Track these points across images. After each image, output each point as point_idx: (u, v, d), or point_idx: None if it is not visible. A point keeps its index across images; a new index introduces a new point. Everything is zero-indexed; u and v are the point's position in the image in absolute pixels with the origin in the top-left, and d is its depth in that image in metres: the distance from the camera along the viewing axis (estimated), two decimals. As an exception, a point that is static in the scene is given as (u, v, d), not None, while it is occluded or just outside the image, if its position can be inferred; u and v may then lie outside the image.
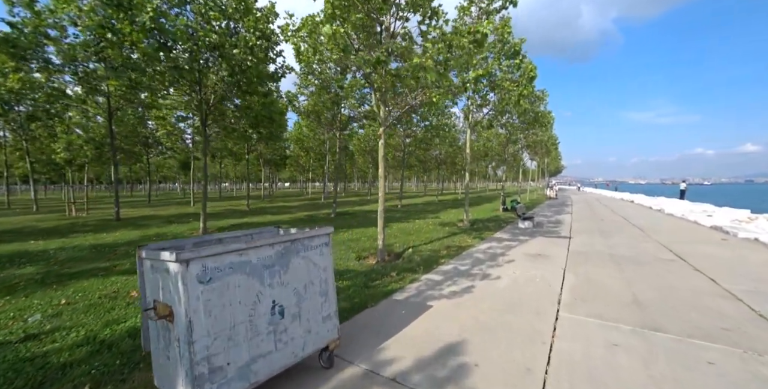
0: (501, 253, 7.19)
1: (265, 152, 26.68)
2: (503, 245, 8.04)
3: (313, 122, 20.55)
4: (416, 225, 11.67)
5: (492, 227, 11.46)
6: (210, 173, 49.69)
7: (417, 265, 6.15)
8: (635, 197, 26.92)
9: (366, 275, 5.44)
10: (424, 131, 19.85)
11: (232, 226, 11.41)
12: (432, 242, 8.47)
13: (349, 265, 6.18)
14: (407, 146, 20.69)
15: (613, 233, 9.69)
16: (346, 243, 8.21)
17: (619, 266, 5.93)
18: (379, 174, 6.75)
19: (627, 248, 7.55)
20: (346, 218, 13.76)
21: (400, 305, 4.17)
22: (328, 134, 22.85)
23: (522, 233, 9.98)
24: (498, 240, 8.80)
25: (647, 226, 11.24)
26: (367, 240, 8.63)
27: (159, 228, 10.90)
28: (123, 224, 11.83)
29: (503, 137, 18.08)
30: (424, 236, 9.45)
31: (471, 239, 9.00)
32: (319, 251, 2.82)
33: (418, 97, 6.44)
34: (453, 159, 31.03)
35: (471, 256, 6.92)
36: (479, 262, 6.35)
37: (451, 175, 47.92)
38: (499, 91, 10.42)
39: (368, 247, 7.82)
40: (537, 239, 8.85)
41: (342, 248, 7.59)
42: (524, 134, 17.16)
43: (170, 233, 9.79)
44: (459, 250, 7.55)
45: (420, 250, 7.59)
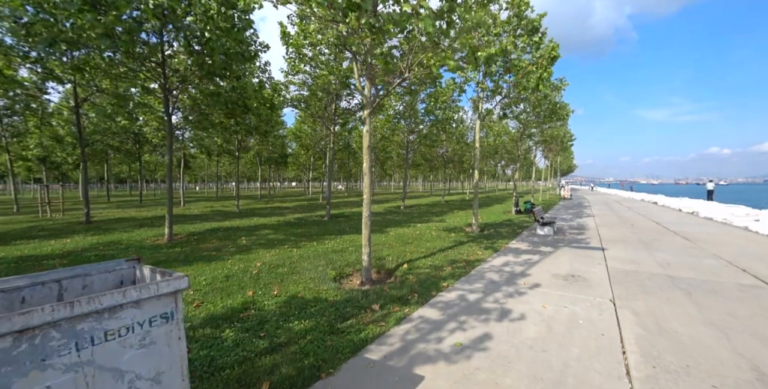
0: (521, 272, 5.58)
1: (261, 148, 25.34)
2: (522, 261, 6.42)
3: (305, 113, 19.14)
4: (418, 231, 10.10)
5: (505, 233, 9.82)
6: (209, 173, 48.76)
7: (410, 291, 4.60)
8: (657, 198, 24.89)
9: (338, 309, 3.91)
10: (430, 126, 18.28)
11: (206, 230, 10.01)
12: (434, 255, 6.90)
13: (321, 290, 4.65)
14: (411, 144, 19.13)
15: (655, 244, 7.99)
16: (329, 256, 6.70)
17: (692, 297, 4.29)
18: (363, 169, 5.21)
19: (686, 267, 5.88)
20: (339, 222, 12.26)
21: (371, 374, 2.63)
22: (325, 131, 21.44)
23: (542, 242, 8.35)
24: (515, 253, 7.18)
25: (691, 234, 9.48)
26: (354, 251, 7.11)
27: (123, 233, 9.54)
28: (88, 229, 10.52)
29: (516, 131, 16.37)
30: (426, 245, 7.89)
31: (482, 250, 7.40)
32: (138, 341, 1.31)
33: (412, 64, 4.86)
34: (461, 157, 29.34)
35: (482, 277, 5.33)
36: (494, 287, 4.77)
37: (459, 174, 46.19)
38: (516, 73, 8.78)
39: (353, 261, 6.29)
40: (563, 251, 7.21)
41: (320, 264, 6.08)
42: (540, 128, 15.42)
43: (129, 241, 8.41)
44: (467, 267, 5.97)
45: (418, 266, 6.03)
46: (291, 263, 6.07)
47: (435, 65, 4.41)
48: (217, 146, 20.18)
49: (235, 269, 5.65)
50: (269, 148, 28.31)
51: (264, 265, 5.90)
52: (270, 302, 4.15)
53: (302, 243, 8.00)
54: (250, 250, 7.23)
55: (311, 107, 12.73)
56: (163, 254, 6.84)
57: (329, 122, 13.40)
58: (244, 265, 5.90)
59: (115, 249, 7.24)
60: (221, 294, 4.41)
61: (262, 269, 5.61)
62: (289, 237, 8.86)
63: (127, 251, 7.08)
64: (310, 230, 10.21)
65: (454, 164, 30.76)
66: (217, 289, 4.60)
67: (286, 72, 11.96)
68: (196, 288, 4.61)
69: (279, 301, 4.18)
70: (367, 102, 5.13)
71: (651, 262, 6.20)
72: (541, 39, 9.21)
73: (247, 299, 4.24)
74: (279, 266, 5.89)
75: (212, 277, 5.13)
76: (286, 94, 12.72)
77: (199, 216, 14.22)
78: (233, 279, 5.05)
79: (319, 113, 13.83)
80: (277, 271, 5.55)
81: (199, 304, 4.06)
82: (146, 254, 6.73)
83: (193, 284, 4.81)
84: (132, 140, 22.80)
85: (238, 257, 6.49)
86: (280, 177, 66.14)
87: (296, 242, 8.20)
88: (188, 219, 13.06)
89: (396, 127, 18.83)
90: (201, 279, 5.01)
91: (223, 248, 7.39)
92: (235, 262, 6.13)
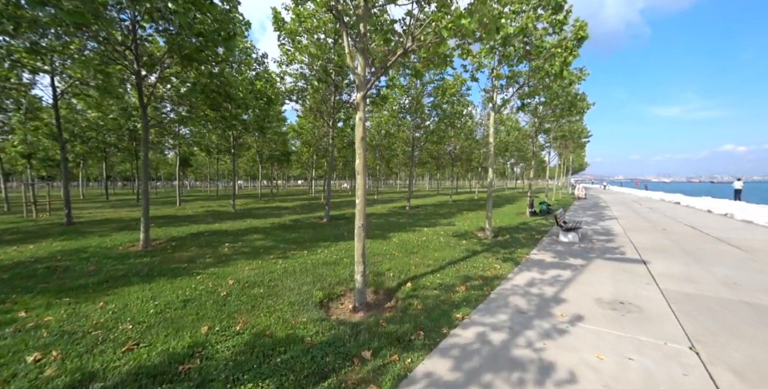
0: (554, 296, 4.47)
1: (261, 146, 24.43)
2: (551, 278, 5.30)
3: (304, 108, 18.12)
4: (424, 236, 9.01)
5: (524, 240, 8.68)
6: (211, 171, 48.12)
7: (415, 326, 3.53)
8: (679, 198, 23.40)
9: (314, 359, 2.86)
10: (437, 122, 17.12)
11: (190, 234, 9.04)
12: (443, 269, 5.81)
13: (299, 323, 3.61)
14: (417, 140, 18.00)
15: (703, 255, 6.79)
16: (318, 270, 5.65)
17: (801, 343, 3.15)
18: (357, 167, 4.14)
19: (762, 288, 4.70)
20: (338, 225, 11.22)
21: None
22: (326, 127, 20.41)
23: (569, 252, 7.20)
24: (539, 266, 6.06)
25: (741, 242, 8.24)
26: (350, 263, 6.05)
27: (98, 238, 8.61)
28: (65, 231, 9.64)
29: (531, 126, 15.12)
30: (433, 256, 6.80)
31: (499, 262, 6.29)
32: None
33: (416, 33, 3.76)
34: (469, 155, 28.11)
35: (506, 302, 4.24)
36: (524, 321, 3.67)
37: (466, 172, 44.84)
38: (537, 56, 7.61)
39: (347, 277, 5.24)
40: (597, 265, 6.07)
41: (307, 281, 5.03)
42: (558, 122, 14.16)
43: (99, 247, 7.46)
44: (484, 286, 4.88)
45: (424, 285, 4.96)
46: (271, 281, 5.03)
47: (447, 28, 3.31)
48: (213, 143, 19.31)
49: (200, 289, 4.63)
50: (271, 145, 27.44)
51: (237, 284, 4.87)
52: (226, 345, 3.11)
53: (291, 252, 6.97)
54: (229, 261, 6.22)
55: (309, 97, 11.68)
56: (127, 265, 5.87)
57: (328, 116, 12.35)
58: (213, 283, 4.89)
59: (75, 259, 6.28)
60: (168, 329, 3.39)
61: (233, 290, 4.59)
62: (279, 244, 7.84)
63: (87, 261, 6.12)
64: (304, 235, 9.19)
65: (461, 162, 29.56)
66: (165, 321, 3.58)
67: (279, 62, 10.93)
68: (139, 320, 3.60)
69: (239, 343, 3.14)
70: (360, 82, 4.06)
71: (712, 281, 5.04)
72: (566, 17, 8.01)
73: (197, 339, 3.21)
74: (255, 285, 4.85)
75: (167, 302, 4.12)
76: (282, 86, 11.71)
77: (191, 217, 13.31)
78: (192, 305, 4.03)
79: (319, 107, 12.80)
80: (251, 292, 4.52)
81: (131, 347, 3.05)
82: (107, 266, 5.76)
83: (138, 312, 3.80)
84: (128, 136, 22.04)
85: (211, 272, 5.47)
86: (285, 175, 65.42)
87: (285, 250, 7.18)
88: (178, 221, 12.14)
89: (401, 123, 17.71)
90: (151, 305, 3.99)
91: (198, 259, 6.40)
92: (204, 278, 5.12)
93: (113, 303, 4.08)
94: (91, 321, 3.56)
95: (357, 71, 4.05)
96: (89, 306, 4.00)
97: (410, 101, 16.18)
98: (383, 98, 12.13)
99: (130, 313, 3.78)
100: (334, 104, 12.06)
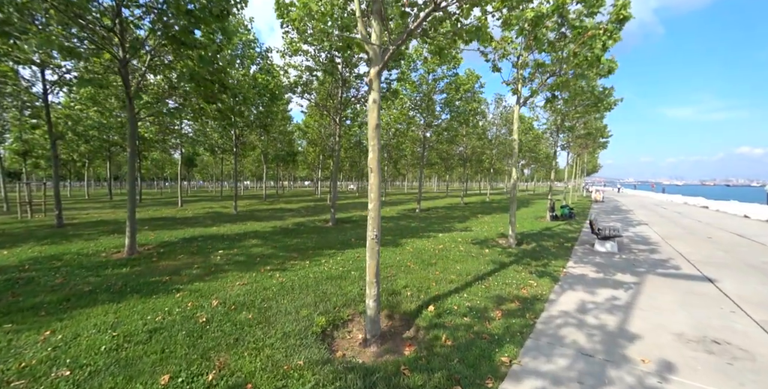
0: (619, 329, 3.51)
1: (266, 145, 23.73)
2: (605, 302, 4.33)
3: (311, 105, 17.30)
4: (440, 244, 8.07)
5: (553, 249, 7.69)
6: (217, 171, 47.70)
7: (448, 376, 2.61)
8: (705, 202, 22.05)
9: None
10: (449, 120, 16.19)
11: (182, 239, 8.23)
12: (469, 287, 4.88)
13: (292, 366, 2.71)
14: (428, 140, 17.08)
15: (776, 271, 5.74)
16: (322, 286, 4.76)
17: None
18: (369, 163, 3.25)
19: None
20: (344, 229, 10.34)
21: None
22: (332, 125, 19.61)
23: (611, 265, 6.21)
24: (584, 283, 5.09)
25: (807, 253, 7.14)
26: (359, 278, 5.16)
27: (83, 242, 7.86)
28: (52, 234, 8.93)
29: (551, 124, 14.09)
30: (455, 268, 5.86)
31: (534, 278, 5.33)
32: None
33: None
34: (479, 156, 27.07)
35: (560, 339, 3.29)
36: (594, 369, 2.72)
37: (476, 174, 43.70)
38: (574, 39, 6.65)
39: (356, 296, 4.34)
40: (653, 284, 5.08)
41: (307, 302, 4.14)
42: (584, 118, 13.11)
43: (79, 253, 6.67)
44: (525, 312, 3.94)
45: (450, 309, 4.03)
46: (264, 302, 4.15)
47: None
48: (217, 143, 18.64)
49: (176, 312, 3.77)
50: (276, 145, 26.75)
51: (222, 305, 4.00)
52: (189, 408, 2.23)
53: (291, 262, 6.10)
54: (219, 273, 5.36)
55: (313, 90, 10.85)
56: (100, 278, 5.04)
57: (335, 113, 11.50)
58: (193, 304, 4.02)
59: (45, 268, 5.49)
60: (115, 379, 2.52)
61: (215, 315, 3.71)
62: (278, 252, 6.98)
63: (56, 271, 5.32)
64: (308, 241, 8.32)
65: (471, 163, 28.53)
66: (117, 364, 2.71)
67: (282, 53, 10.11)
68: (83, 362, 2.74)
69: (207, 405, 2.26)
70: (375, 54, 3.17)
71: (812, 309, 4.02)
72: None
73: (151, 396, 2.33)
74: (244, 307, 3.98)
75: (129, 332, 3.26)
76: (285, 79, 10.90)
77: (189, 219, 12.56)
78: (159, 338, 3.16)
79: (325, 103, 11.98)
80: (237, 318, 3.65)
81: (57, 410, 2.18)
82: (76, 279, 4.94)
83: (88, 348, 2.94)
84: (131, 135, 21.49)
85: (195, 288, 4.62)
86: (291, 176, 64.91)
87: (284, 260, 6.30)
88: (174, 223, 11.39)
89: (411, 121, 16.80)
90: (107, 338, 3.13)
91: (184, 270, 5.56)
92: (184, 297, 4.26)
93: (62, 333, 3.23)
94: (20, 362, 2.71)
95: (371, 40, 3.16)
96: (31, 336, 3.16)
97: (421, 97, 15.29)
98: (394, 92, 11.24)
99: (77, 349, 2.92)
100: (341, 100, 11.22)
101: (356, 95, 11.59)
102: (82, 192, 36.56)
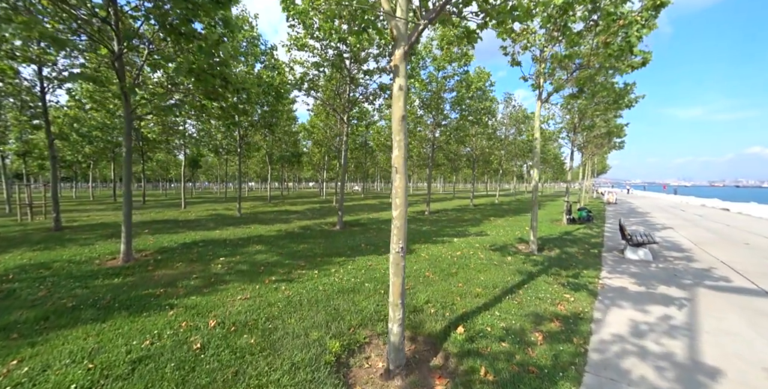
0: (691, 360, 2.94)
1: (270, 145, 23.32)
2: (660, 321, 3.75)
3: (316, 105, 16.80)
4: (458, 250, 7.51)
5: (579, 256, 7.10)
6: (222, 173, 47.48)
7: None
8: (725, 204, 21.24)
9: None
10: (459, 119, 15.63)
11: (182, 244, 7.75)
12: (499, 303, 4.31)
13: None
14: (437, 140, 16.52)
15: (841, 284, 5.11)
16: (333, 301, 4.23)
17: None
18: (394, 161, 2.72)
19: None
20: (353, 233, 9.81)
21: None
22: (339, 125, 19.17)
23: (650, 276, 5.61)
24: (627, 298, 4.50)
25: None
26: (374, 291, 4.62)
27: (78, 247, 7.41)
28: (46, 238, 8.52)
29: (568, 123, 13.48)
30: (478, 279, 5.30)
31: (569, 291, 4.76)
32: None
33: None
34: (488, 157, 26.45)
35: (625, 374, 2.72)
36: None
37: (482, 175, 43.03)
38: (606, 28, 6.08)
39: (372, 314, 3.80)
40: (708, 300, 4.48)
41: (317, 321, 3.62)
42: (604, 115, 12.48)
43: (71, 260, 6.21)
44: (571, 335, 3.38)
45: (482, 331, 3.48)
46: (268, 321, 3.63)
47: None
48: (221, 143, 18.25)
49: (166, 335, 3.26)
50: (281, 146, 26.36)
51: (221, 327, 3.48)
52: None
53: (298, 272, 5.58)
54: (219, 285, 4.86)
55: (320, 88, 10.37)
56: (88, 290, 4.56)
57: (342, 112, 11.01)
58: (187, 325, 3.51)
59: (31, 278, 5.02)
60: (83, 432, 2.01)
61: (211, 339, 3.20)
62: (284, 259, 6.46)
63: (42, 282, 4.85)
64: (315, 246, 7.80)
65: (479, 164, 27.91)
66: (89, 409, 2.20)
67: (288, 47, 9.65)
68: (48, 405, 2.23)
69: None
70: (400, 33, 2.63)
71: None
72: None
73: (124, 462, 1.81)
74: (246, 328, 3.46)
75: (109, 363, 2.75)
76: (291, 76, 10.43)
77: (191, 222, 12.11)
78: (144, 371, 2.64)
79: (332, 101, 11.51)
80: (237, 344, 3.12)
81: None
82: (62, 291, 4.46)
83: (54, 386, 2.44)
84: (135, 136, 21.20)
85: (191, 303, 4.11)
86: (296, 177, 64.64)
87: (290, 269, 5.79)
88: (176, 226, 10.94)
89: (419, 121, 16.27)
90: (81, 372, 2.62)
91: (181, 280, 5.06)
92: (178, 315, 3.75)
93: (30, 363, 2.73)
94: (-30, 407, 2.21)
95: (397, 15, 2.63)
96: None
97: (431, 96, 14.75)
98: (405, 89, 10.71)
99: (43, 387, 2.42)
100: (349, 98, 10.73)
101: (364, 93, 11.09)
102: (88, 194, 36.50)
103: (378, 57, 10.07)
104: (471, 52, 13.58)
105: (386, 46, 9.80)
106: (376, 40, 9.57)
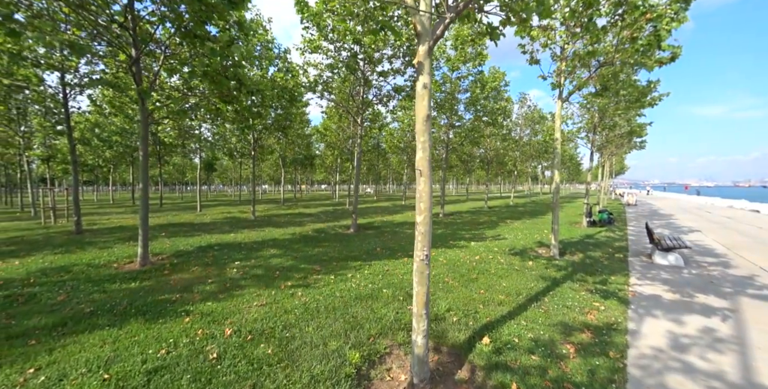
0: (741, 377, 2.69)
1: (284, 149, 23.48)
2: (702, 334, 3.48)
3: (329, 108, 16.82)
4: (476, 254, 7.29)
5: (604, 261, 6.78)
6: (236, 176, 48.20)
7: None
8: (754, 205, 20.28)
9: None
10: (473, 120, 15.39)
11: (198, 248, 7.78)
12: (524, 311, 4.10)
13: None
14: (451, 142, 16.30)
15: None
16: (350, 308, 4.09)
17: None
18: (417, 164, 2.57)
19: None
20: (367, 237, 9.69)
21: None
22: (352, 127, 19.16)
23: (684, 283, 5.28)
24: (662, 308, 4.22)
25: None
26: (392, 297, 4.47)
27: (97, 250, 7.51)
28: (67, 241, 8.68)
29: (588, 122, 13.07)
30: (500, 285, 5.09)
31: (599, 299, 4.50)
32: None
33: None
34: (502, 158, 26.00)
35: (672, 393, 2.49)
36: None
37: (496, 176, 42.38)
38: (633, 22, 5.80)
39: (392, 322, 3.65)
40: (753, 310, 4.16)
41: (335, 330, 3.48)
42: (626, 114, 12.04)
43: (90, 264, 6.28)
44: (606, 348, 3.15)
45: (509, 342, 3.28)
46: (285, 329, 3.52)
47: None
48: (236, 147, 18.46)
49: (182, 343, 3.18)
50: (294, 149, 26.54)
51: (237, 335, 3.39)
52: None
53: (314, 277, 5.47)
54: (234, 290, 4.79)
55: (334, 90, 10.32)
56: (105, 294, 4.55)
57: (356, 113, 10.93)
58: (204, 332, 3.43)
59: (52, 282, 5.06)
60: (97, 450, 1.92)
61: (228, 349, 3.10)
62: (299, 264, 6.37)
63: (62, 286, 4.87)
64: (330, 250, 7.70)
65: (492, 166, 27.46)
66: (103, 424, 2.12)
67: (301, 50, 9.64)
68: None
69: None
70: (425, 28, 2.49)
71: None
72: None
73: None
74: (263, 336, 3.35)
75: (124, 373, 2.67)
76: (305, 78, 10.42)
77: (206, 225, 12.21)
78: (159, 383, 2.56)
79: (346, 103, 11.46)
80: (253, 354, 3.02)
81: None
82: (80, 295, 4.46)
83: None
84: (152, 140, 21.68)
85: (207, 309, 4.04)
86: (309, 180, 65.10)
87: (306, 273, 5.69)
88: (192, 229, 11.04)
89: (433, 122, 16.09)
90: (95, 383, 2.55)
91: (197, 285, 5.02)
92: (194, 322, 3.68)
93: (47, 371, 2.68)
94: (-15, 419, 2.16)
95: (421, 9, 2.49)
96: (11, 375, 2.63)
97: (445, 97, 14.56)
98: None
99: (59, 398, 2.36)
100: (363, 100, 10.65)
101: (378, 95, 10.99)
102: (109, 197, 37.56)
103: (392, 58, 9.96)
104: (486, 52, 13.34)
105: (400, 47, 9.69)
106: (391, 41, 9.46)
